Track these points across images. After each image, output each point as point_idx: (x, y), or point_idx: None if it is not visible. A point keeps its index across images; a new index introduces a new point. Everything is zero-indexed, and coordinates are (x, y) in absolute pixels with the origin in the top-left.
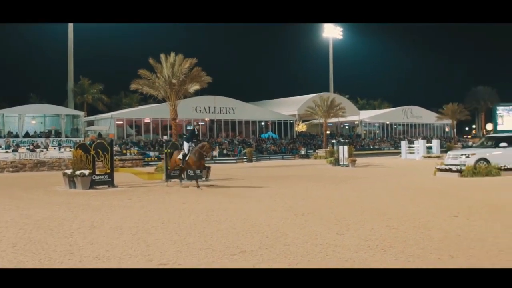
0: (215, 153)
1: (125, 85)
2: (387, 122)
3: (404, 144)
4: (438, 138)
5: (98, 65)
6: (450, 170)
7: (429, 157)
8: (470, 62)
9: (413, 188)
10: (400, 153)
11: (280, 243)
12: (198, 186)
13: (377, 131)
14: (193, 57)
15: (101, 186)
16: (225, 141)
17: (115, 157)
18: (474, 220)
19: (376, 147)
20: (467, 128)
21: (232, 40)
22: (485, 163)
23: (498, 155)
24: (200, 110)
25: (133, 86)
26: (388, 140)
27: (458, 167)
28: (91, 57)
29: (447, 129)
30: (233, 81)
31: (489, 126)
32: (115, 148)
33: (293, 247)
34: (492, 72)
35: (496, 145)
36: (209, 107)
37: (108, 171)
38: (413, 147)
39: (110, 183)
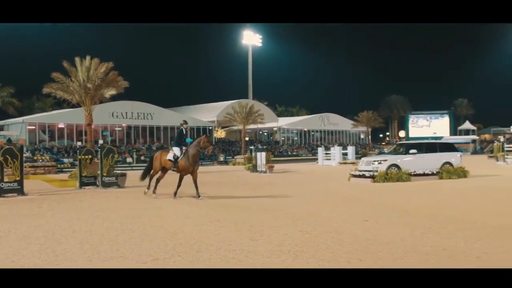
0: (130, 159)
1: (37, 88)
2: (305, 129)
3: (321, 150)
4: (354, 145)
5: (9, 67)
6: (363, 176)
7: (345, 163)
8: (385, 70)
9: (327, 194)
10: (317, 159)
11: (193, 250)
12: (198, 196)
13: (295, 138)
14: (110, 60)
15: (9, 194)
16: (143, 147)
17: (25, 164)
18: (384, 224)
19: (294, 153)
20: (381, 135)
21: (151, 45)
22: (396, 169)
23: (408, 161)
24: (117, 116)
25: (46, 90)
26: (305, 146)
27: (371, 173)
28: (1, 59)
29: (362, 136)
30: (151, 86)
31: (402, 133)
32: (26, 154)
33: (206, 253)
34: (404, 81)
35: (407, 152)
36: (126, 113)
37: (18, 178)
38: (329, 154)
39: (20, 191)
